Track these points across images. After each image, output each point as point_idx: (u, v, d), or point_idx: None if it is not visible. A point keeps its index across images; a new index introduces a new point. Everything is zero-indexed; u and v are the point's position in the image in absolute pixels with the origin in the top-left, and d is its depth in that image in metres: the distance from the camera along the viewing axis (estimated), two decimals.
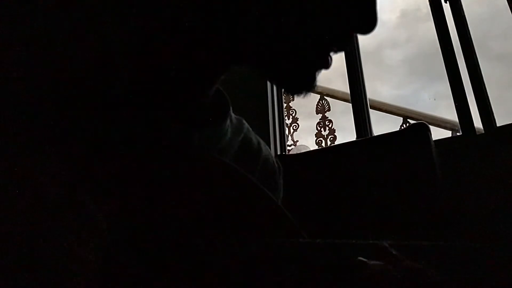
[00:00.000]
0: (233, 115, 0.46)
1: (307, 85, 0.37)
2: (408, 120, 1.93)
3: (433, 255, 0.25)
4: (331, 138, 1.90)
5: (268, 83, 1.94)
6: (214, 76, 0.39)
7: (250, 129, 0.48)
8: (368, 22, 0.35)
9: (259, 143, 0.48)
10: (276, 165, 0.49)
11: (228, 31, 0.34)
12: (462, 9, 1.58)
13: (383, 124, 2.04)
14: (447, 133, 1.92)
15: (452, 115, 1.57)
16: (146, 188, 0.27)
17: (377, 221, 0.91)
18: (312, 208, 0.96)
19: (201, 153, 0.34)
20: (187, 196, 0.28)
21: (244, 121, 0.48)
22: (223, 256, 0.24)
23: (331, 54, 0.37)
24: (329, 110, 1.96)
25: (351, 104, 1.74)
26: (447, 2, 1.61)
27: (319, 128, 1.94)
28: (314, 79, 0.36)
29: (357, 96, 1.73)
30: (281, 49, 0.35)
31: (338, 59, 1.80)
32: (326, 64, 0.37)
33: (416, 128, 1.03)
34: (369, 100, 1.74)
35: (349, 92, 1.77)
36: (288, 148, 1.97)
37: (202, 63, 0.37)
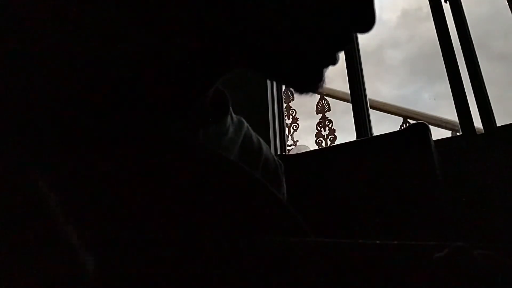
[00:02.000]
0: (233, 114, 0.46)
1: (315, 83, 0.37)
2: (408, 120, 1.93)
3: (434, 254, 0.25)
4: (331, 138, 1.90)
5: (268, 83, 1.94)
6: (215, 76, 0.40)
7: (250, 127, 0.48)
8: (367, 21, 0.35)
9: (259, 141, 0.49)
10: (276, 162, 0.50)
11: (231, 33, 0.34)
12: (462, 9, 1.58)
13: (383, 124, 2.04)
14: (447, 133, 1.92)
15: (452, 115, 1.57)
16: (152, 185, 0.27)
17: (377, 221, 0.91)
18: (312, 208, 0.96)
19: (207, 151, 0.34)
20: (193, 193, 0.28)
21: (243, 120, 0.48)
22: (229, 254, 0.24)
23: (336, 51, 0.37)
24: (329, 110, 1.96)
25: (351, 104, 1.74)
26: (447, 2, 1.61)
27: (319, 128, 1.94)
28: (321, 77, 0.37)
29: (357, 96, 1.73)
30: (285, 49, 0.35)
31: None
32: (333, 61, 0.37)
33: (416, 128, 1.03)
34: (369, 100, 1.74)
35: (349, 92, 1.77)
36: (288, 148, 1.97)
37: (204, 63, 0.37)
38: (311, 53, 0.36)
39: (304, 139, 2.02)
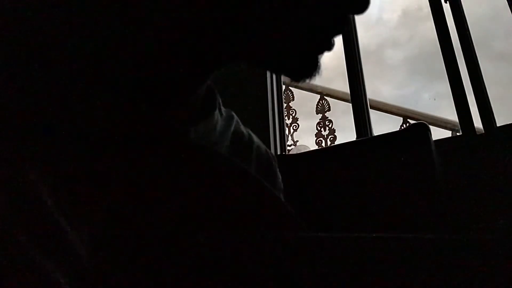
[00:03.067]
0: (222, 108, 0.45)
1: (310, 70, 0.36)
2: (408, 120, 1.93)
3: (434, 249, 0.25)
4: (331, 138, 1.90)
5: (268, 83, 1.94)
6: (209, 72, 0.39)
7: (239, 120, 0.48)
8: (361, 1, 0.35)
9: (249, 134, 0.48)
10: (269, 154, 0.49)
11: (222, 24, 0.34)
12: (462, 9, 1.58)
13: (383, 124, 2.04)
14: (447, 133, 1.92)
15: (452, 115, 1.58)
16: (146, 184, 0.27)
17: (377, 221, 0.91)
18: (312, 208, 0.96)
19: (200, 148, 0.34)
20: (187, 192, 0.28)
21: (233, 113, 0.47)
22: (224, 252, 0.24)
23: (331, 37, 0.36)
24: (329, 110, 1.96)
25: (351, 104, 1.74)
26: (447, 2, 1.61)
27: (319, 128, 1.94)
28: (316, 63, 0.36)
29: (357, 96, 1.73)
30: (278, 36, 0.35)
31: (338, 59, 1.80)
32: (329, 46, 0.36)
33: (416, 128, 1.03)
34: (369, 100, 1.74)
35: (349, 92, 1.77)
36: (288, 148, 1.98)
37: (197, 59, 0.37)
38: (305, 38, 0.35)
39: (304, 139, 2.02)
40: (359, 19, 1.82)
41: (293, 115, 2.07)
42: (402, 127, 1.88)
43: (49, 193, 0.22)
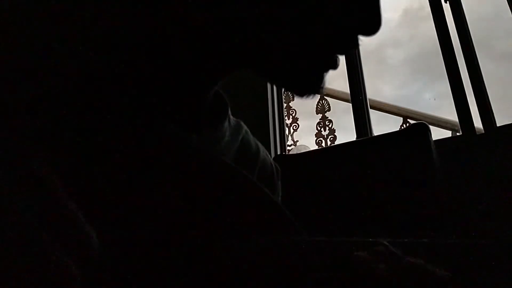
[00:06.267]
0: (231, 117, 0.46)
1: (315, 87, 0.37)
2: (408, 120, 1.93)
3: (432, 252, 0.25)
4: (331, 138, 1.90)
5: (268, 83, 1.94)
6: (214, 79, 0.39)
7: (249, 131, 0.48)
8: (372, 23, 0.35)
9: (257, 145, 0.48)
10: (273, 167, 0.49)
11: (232, 35, 0.34)
12: (462, 9, 1.58)
13: (383, 124, 2.04)
14: (447, 133, 1.92)
15: (452, 115, 1.57)
16: (145, 188, 0.27)
17: (377, 221, 0.91)
18: (312, 208, 0.96)
19: (199, 154, 0.34)
20: (186, 195, 0.28)
21: (242, 123, 0.48)
22: (223, 255, 0.24)
23: (337, 55, 0.37)
24: (329, 110, 1.96)
25: (351, 104, 1.74)
26: (447, 2, 1.61)
27: (319, 128, 1.94)
28: (321, 80, 0.36)
29: (357, 96, 1.73)
30: (286, 52, 0.35)
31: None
32: (334, 65, 0.37)
33: (416, 128, 1.03)
34: (369, 100, 1.74)
35: (349, 92, 1.77)
36: (288, 148, 1.98)
37: (203, 66, 0.37)
38: (313, 56, 0.35)
39: (304, 139, 2.02)
40: None
41: (293, 115, 2.06)
42: (402, 127, 1.88)
43: (61, 188, 0.22)
